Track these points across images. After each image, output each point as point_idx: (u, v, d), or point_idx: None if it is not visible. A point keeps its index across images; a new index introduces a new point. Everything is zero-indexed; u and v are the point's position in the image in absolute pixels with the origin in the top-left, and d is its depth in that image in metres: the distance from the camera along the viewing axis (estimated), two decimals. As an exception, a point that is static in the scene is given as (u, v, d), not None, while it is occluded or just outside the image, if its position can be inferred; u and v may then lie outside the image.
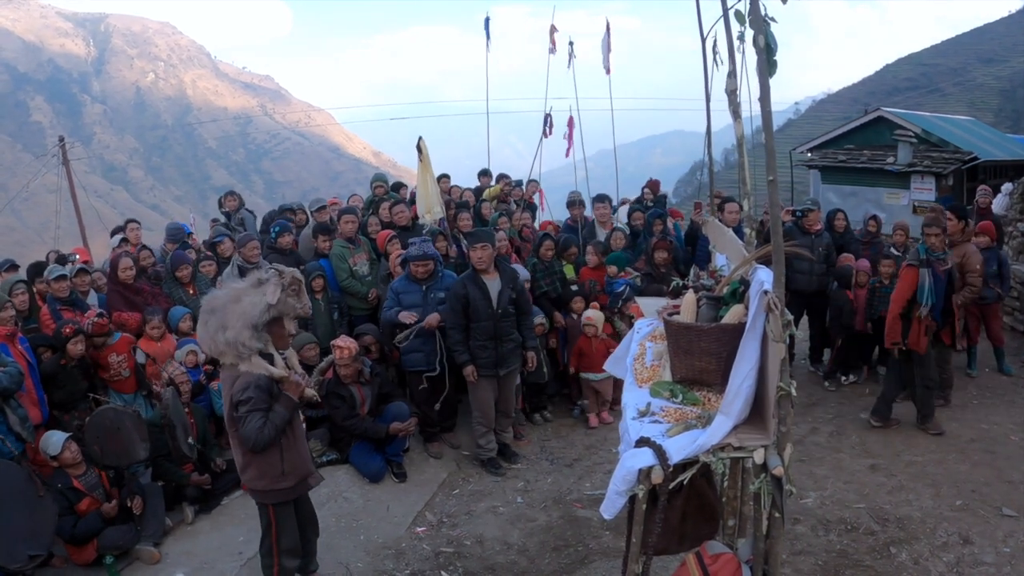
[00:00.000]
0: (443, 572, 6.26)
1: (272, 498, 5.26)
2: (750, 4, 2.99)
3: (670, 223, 10.81)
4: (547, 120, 12.58)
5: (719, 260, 5.12)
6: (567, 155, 12.84)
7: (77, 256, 10.51)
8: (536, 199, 13.27)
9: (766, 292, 3.03)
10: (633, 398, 3.86)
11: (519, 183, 12.84)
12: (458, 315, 7.63)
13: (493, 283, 7.66)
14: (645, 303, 5.35)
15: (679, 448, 3.31)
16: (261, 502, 5.34)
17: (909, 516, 6.56)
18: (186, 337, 8.04)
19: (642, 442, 3.37)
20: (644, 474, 3.32)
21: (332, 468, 7.63)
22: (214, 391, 7.81)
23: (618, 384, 9.06)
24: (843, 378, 9.94)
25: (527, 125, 13.00)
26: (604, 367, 5.13)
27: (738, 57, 3.78)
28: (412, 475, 7.83)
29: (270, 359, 5.01)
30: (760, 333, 3.20)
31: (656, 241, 9.31)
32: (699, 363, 3.64)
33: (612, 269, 9.15)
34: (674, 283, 4.83)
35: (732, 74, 3.77)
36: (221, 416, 6.97)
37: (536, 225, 11.82)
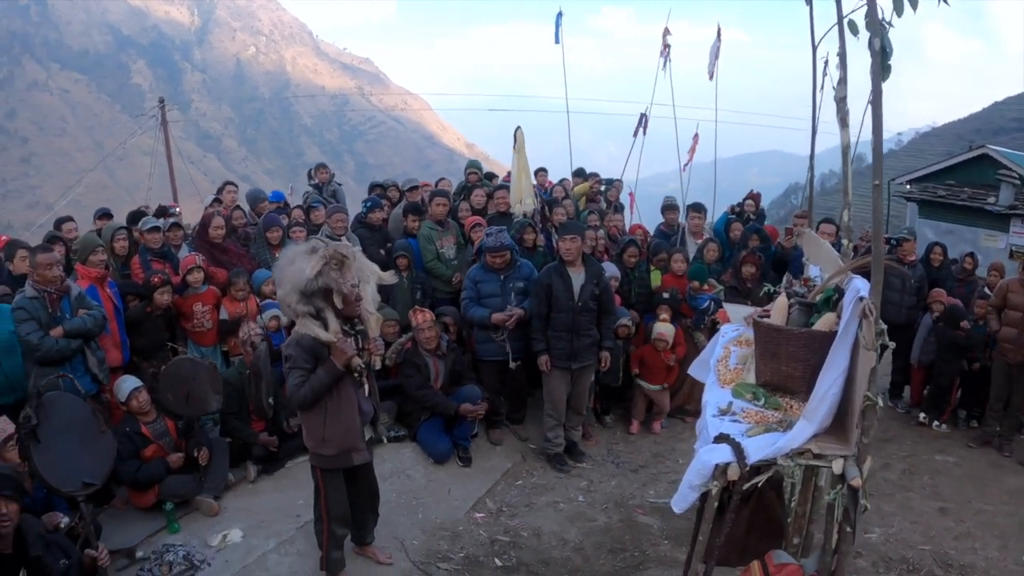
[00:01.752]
0: (497, 559, 6.31)
1: (316, 461, 5.36)
2: (867, 6, 2.98)
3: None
4: (642, 119, 12.53)
5: (812, 271, 5.08)
6: (684, 169, 12.71)
7: (177, 209, 10.76)
8: (625, 200, 13.25)
9: (862, 298, 3.00)
10: (715, 397, 3.84)
11: (609, 182, 12.85)
12: (541, 304, 7.69)
13: (578, 276, 7.69)
14: (732, 309, 5.34)
15: (757, 448, 3.28)
16: (311, 463, 5.46)
17: (973, 565, 6.42)
18: (268, 300, 8.17)
19: (721, 438, 3.36)
20: (720, 470, 3.29)
21: (399, 445, 7.78)
22: None
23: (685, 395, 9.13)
24: (926, 419, 9.68)
25: (623, 128, 12.94)
26: (689, 371, 5.10)
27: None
28: (477, 461, 7.92)
29: (325, 323, 5.05)
30: (852, 340, 3.15)
31: (745, 255, 9.22)
32: (785, 368, 3.60)
33: (695, 284, 9.10)
34: (765, 289, 4.80)
35: (843, 81, 3.74)
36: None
37: (626, 227, 11.81)
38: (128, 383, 6.60)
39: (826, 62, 4.37)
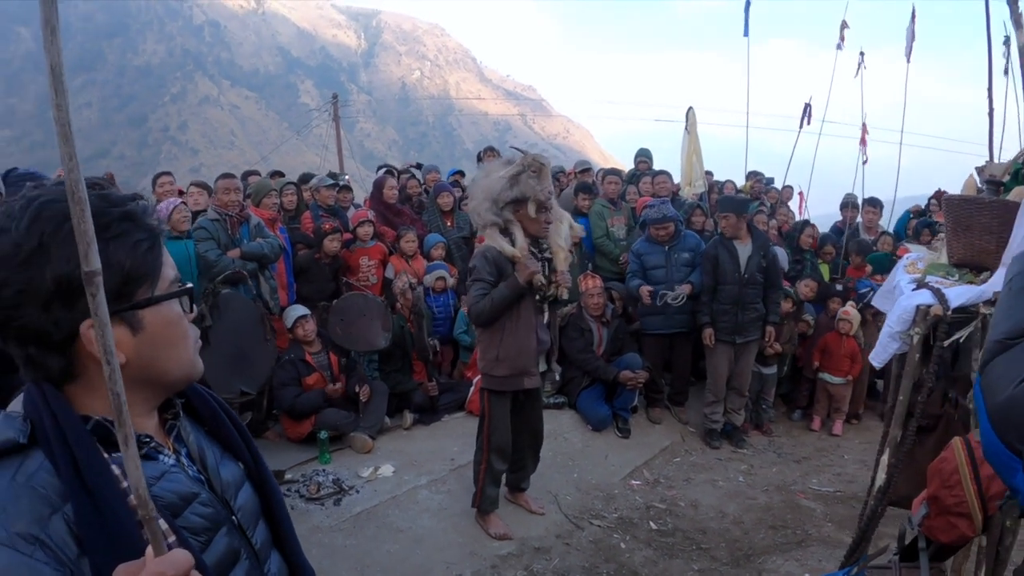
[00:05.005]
0: (651, 523, 6.36)
1: (487, 383, 5.47)
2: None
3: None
4: (806, 109, 12.40)
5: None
6: (864, 163, 12.42)
7: (348, 177, 11.38)
8: (794, 204, 13.19)
9: None
10: (907, 277, 3.82)
11: (771, 181, 12.84)
12: (708, 276, 7.84)
13: (744, 248, 7.81)
14: (912, 246, 5.27)
15: (959, 294, 3.26)
16: (481, 386, 5.59)
17: None
18: (436, 261, 8.50)
19: (921, 285, 3.36)
20: (923, 312, 3.28)
21: (557, 411, 7.90)
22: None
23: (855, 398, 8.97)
24: None
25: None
26: (873, 302, 5.07)
27: None
28: (635, 435, 7.99)
29: (512, 239, 5.20)
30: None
31: (919, 248, 9.10)
32: (978, 242, 3.53)
33: (867, 269, 9.04)
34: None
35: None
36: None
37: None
38: (296, 310, 7.00)
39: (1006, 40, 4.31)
